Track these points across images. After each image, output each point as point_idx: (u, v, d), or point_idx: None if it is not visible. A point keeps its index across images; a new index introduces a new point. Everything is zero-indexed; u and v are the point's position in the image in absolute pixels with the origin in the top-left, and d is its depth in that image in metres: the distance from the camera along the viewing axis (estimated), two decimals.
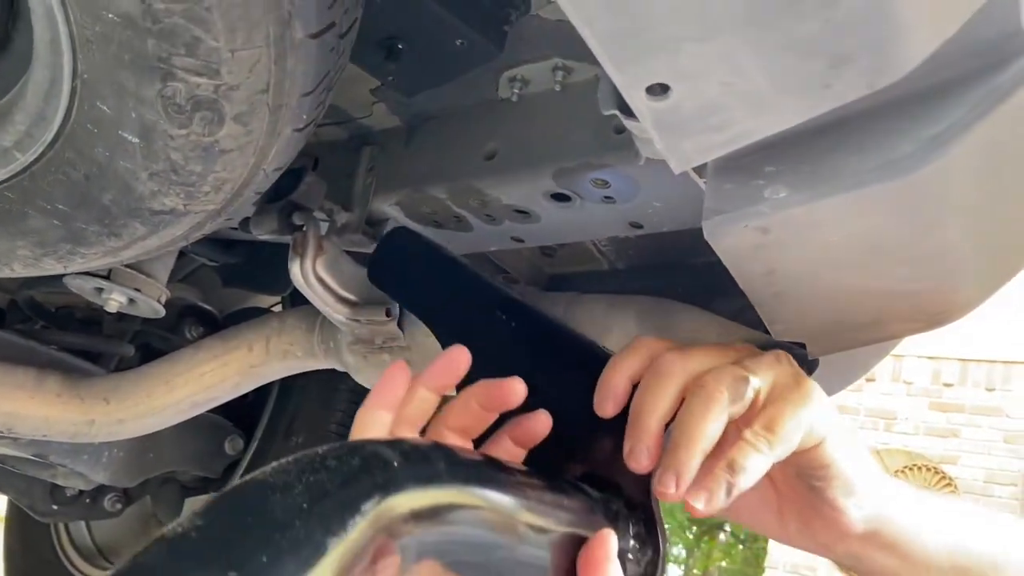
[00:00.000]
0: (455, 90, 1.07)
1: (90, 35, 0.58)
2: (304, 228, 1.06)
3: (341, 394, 1.41)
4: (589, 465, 0.62)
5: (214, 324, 1.58)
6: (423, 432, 0.57)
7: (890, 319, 0.70)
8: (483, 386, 0.57)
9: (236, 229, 1.17)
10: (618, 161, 0.95)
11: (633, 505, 0.61)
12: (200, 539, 0.32)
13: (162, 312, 1.15)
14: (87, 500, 1.45)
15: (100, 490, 1.44)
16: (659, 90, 0.48)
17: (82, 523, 1.68)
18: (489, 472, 0.50)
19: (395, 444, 0.44)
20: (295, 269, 1.04)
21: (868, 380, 7.13)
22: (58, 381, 1.09)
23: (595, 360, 0.67)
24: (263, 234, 1.10)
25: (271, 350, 1.18)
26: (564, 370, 0.69)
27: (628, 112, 0.59)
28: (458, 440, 0.58)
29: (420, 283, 0.91)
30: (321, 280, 1.07)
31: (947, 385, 7.05)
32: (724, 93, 0.48)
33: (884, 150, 0.53)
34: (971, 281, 0.67)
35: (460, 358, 0.56)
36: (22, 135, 0.70)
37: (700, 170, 0.73)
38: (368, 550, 0.37)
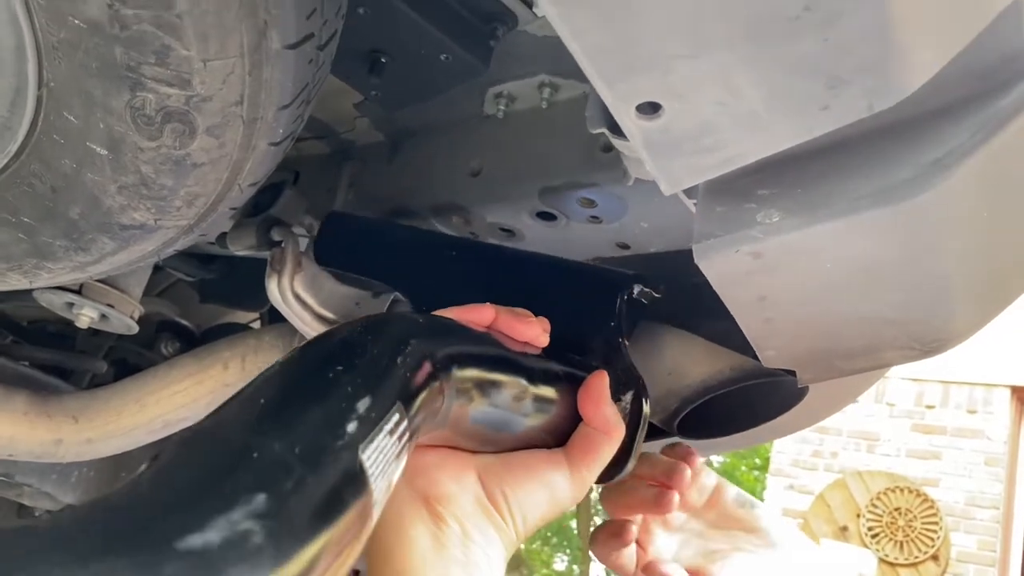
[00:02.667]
0: (440, 106, 1.05)
1: (56, 42, 0.55)
2: (282, 244, 1.03)
3: None
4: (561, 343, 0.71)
5: (191, 340, 1.54)
6: None
7: (883, 347, 0.68)
8: (458, 311, 0.64)
9: (213, 243, 1.14)
10: (606, 180, 0.93)
11: (608, 360, 0.72)
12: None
13: (135, 329, 1.11)
14: None
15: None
16: (650, 109, 0.46)
17: None
18: (495, 339, 0.64)
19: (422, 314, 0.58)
20: (272, 286, 1.01)
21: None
22: (25, 399, 1.05)
23: (540, 267, 0.86)
24: (240, 250, 1.07)
25: (247, 369, 1.15)
26: (516, 281, 0.83)
27: (617, 131, 0.57)
28: None
29: (368, 252, 1.02)
30: (299, 298, 1.04)
31: (929, 407, 7.07)
32: (717, 113, 0.46)
33: (882, 175, 0.51)
34: (966, 309, 0.66)
35: (487, 314, 0.65)
36: None
37: (690, 192, 0.71)
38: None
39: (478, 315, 0.64)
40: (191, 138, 0.60)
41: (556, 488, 0.65)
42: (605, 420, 0.67)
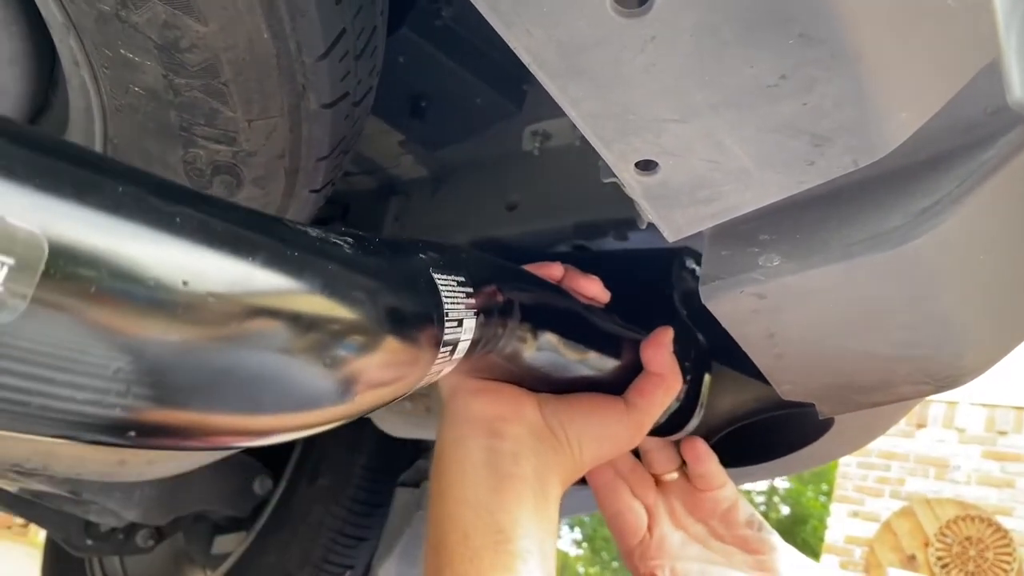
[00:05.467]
0: (480, 143, 1.10)
1: (119, 105, 0.61)
2: None
3: (367, 437, 1.43)
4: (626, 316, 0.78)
5: None
6: None
7: (897, 382, 0.70)
8: (531, 266, 0.71)
9: None
10: (636, 215, 0.96)
11: (669, 323, 0.77)
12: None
13: None
14: (120, 536, 1.48)
15: (133, 526, 1.47)
16: (647, 165, 0.50)
17: (115, 557, 1.71)
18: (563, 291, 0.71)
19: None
20: None
21: (919, 426, 6.96)
22: None
23: (599, 259, 0.96)
24: None
25: None
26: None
27: None
28: None
29: None
30: None
31: (1001, 433, 6.84)
32: (710, 169, 0.49)
33: (874, 222, 0.54)
34: (977, 345, 0.67)
35: (556, 270, 0.72)
36: None
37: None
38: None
39: (548, 270, 0.72)
40: (238, 188, 0.66)
41: (611, 426, 0.70)
42: (663, 365, 0.73)
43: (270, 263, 0.37)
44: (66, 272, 0.29)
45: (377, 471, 1.45)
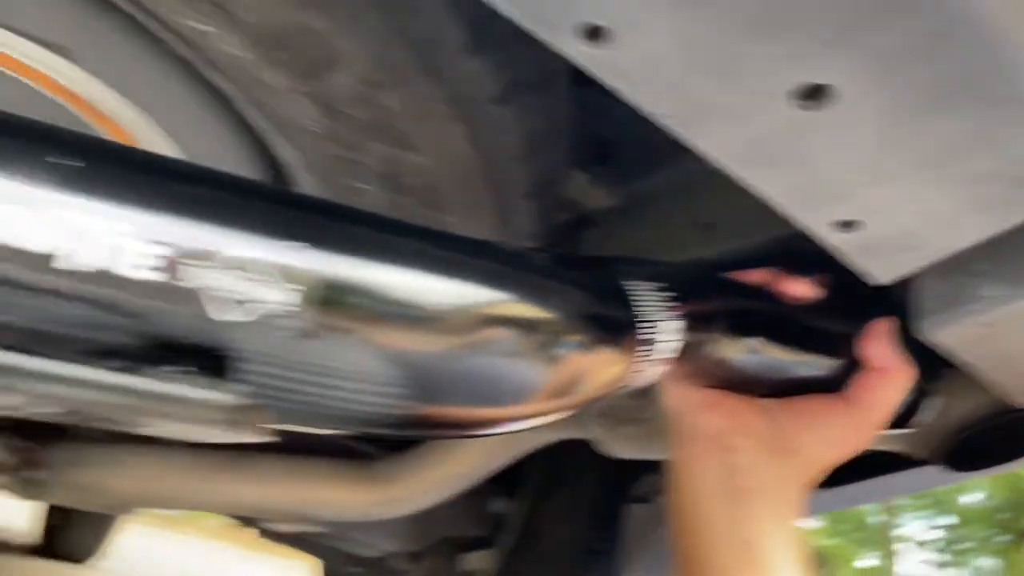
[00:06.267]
0: (669, 166, 1.11)
1: None
2: None
3: (596, 454, 1.47)
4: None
5: None
6: None
7: None
8: (737, 273, 0.71)
9: None
10: None
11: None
12: None
13: None
14: (381, 562, 1.63)
15: (391, 553, 1.61)
16: (847, 225, 0.51)
17: None
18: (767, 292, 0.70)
19: None
20: None
21: None
22: (349, 468, 1.25)
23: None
24: None
25: None
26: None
27: None
28: None
29: None
30: None
31: None
32: (911, 220, 0.50)
33: None
34: None
35: (761, 276, 0.71)
36: None
37: None
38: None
39: (752, 276, 0.71)
40: None
41: (834, 427, 0.67)
42: (885, 358, 0.67)
43: (476, 279, 0.45)
44: (340, 300, 0.39)
45: (609, 487, 1.49)
